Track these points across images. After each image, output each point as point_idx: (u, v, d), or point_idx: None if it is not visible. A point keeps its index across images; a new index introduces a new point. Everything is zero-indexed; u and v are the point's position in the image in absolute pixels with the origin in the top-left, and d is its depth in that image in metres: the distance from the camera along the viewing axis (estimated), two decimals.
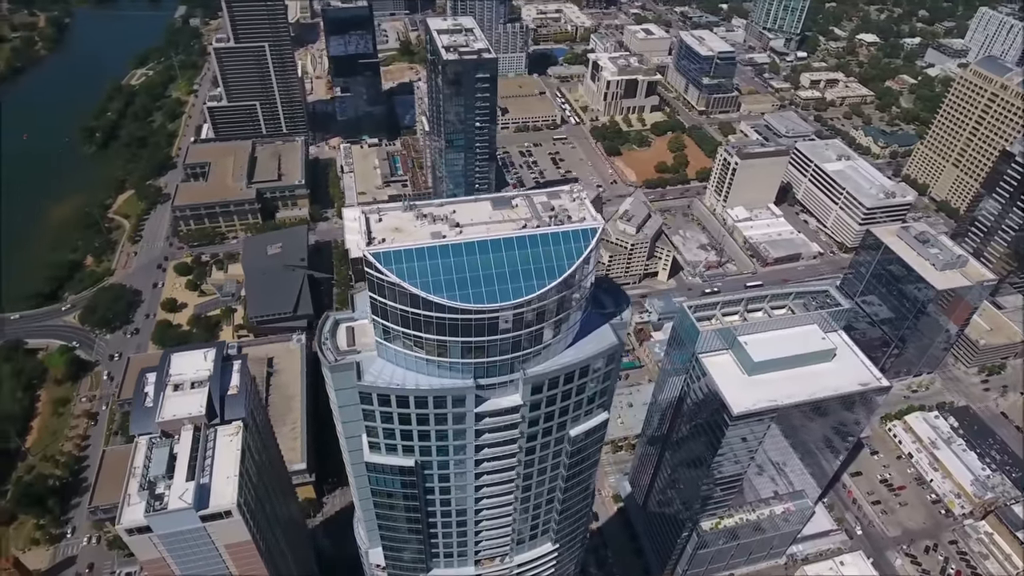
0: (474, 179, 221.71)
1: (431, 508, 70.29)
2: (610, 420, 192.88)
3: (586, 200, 59.24)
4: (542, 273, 53.87)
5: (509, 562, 79.68)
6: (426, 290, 52.10)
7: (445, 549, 76.23)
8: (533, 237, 54.48)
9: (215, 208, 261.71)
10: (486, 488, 69.71)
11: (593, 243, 55.53)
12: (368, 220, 56.42)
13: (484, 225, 55.90)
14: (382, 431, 61.44)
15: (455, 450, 63.63)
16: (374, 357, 59.14)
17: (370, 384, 57.42)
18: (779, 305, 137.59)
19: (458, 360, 57.04)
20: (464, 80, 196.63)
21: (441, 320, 53.69)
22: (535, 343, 58.08)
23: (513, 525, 75.10)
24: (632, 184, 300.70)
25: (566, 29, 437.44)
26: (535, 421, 63.45)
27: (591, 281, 59.28)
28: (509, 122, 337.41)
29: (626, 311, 65.06)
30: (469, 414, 60.41)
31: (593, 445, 71.38)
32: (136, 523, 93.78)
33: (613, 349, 62.60)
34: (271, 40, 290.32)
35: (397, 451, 63.33)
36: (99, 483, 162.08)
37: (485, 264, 53.26)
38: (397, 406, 58.85)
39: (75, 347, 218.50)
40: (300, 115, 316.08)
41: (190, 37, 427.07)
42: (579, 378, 62.12)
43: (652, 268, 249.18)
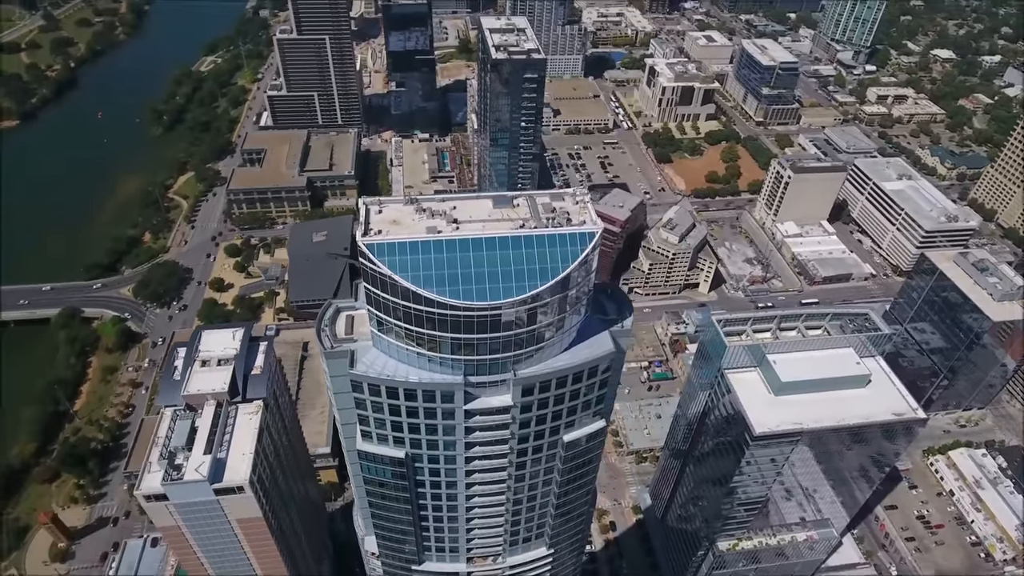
0: (517, 178, 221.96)
1: (422, 501, 70.71)
2: (637, 430, 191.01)
3: (588, 203, 58.48)
4: (535, 274, 53.47)
5: (502, 562, 79.46)
6: (417, 284, 52.46)
7: (437, 544, 76.60)
8: (529, 238, 54.14)
9: (267, 193, 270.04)
10: (478, 487, 69.64)
11: (590, 247, 54.77)
12: (368, 211, 57.16)
13: (482, 223, 55.89)
14: (373, 420, 62.20)
15: (445, 445, 63.80)
16: (369, 347, 59.91)
17: (361, 373, 58.19)
18: (815, 325, 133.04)
19: (448, 356, 57.21)
20: (512, 79, 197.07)
21: (431, 315, 53.94)
22: (527, 344, 57.65)
23: (505, 526, 74.82)
24: (680, 193, 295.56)
25: (626, 33, 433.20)
26: (526, 423, 63.01)
27: (590, 286, 58.50)
28: (560, 124, 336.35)
29: (628, 319, 63.97)
30: (458, 411, 60.49)
31: (589, 452, 70.40)
32: (154, 490, 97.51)
33: (610, 356, 61.59)
34: (332, 33, 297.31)
35: (388, 442, 63.98)
36: (135, 450, 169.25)
37: (478, 262, 53.23)
38: (387, 397, 59.46)
39: (127, 318, 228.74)
40: (355, 107, 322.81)
41: (259, 28, 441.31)
42: (573, 383, 61.34)
43: (693, 279, 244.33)
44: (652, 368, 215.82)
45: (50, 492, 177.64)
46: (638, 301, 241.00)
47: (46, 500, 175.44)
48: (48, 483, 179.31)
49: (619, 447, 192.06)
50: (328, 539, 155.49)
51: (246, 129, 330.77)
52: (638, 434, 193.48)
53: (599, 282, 64.10)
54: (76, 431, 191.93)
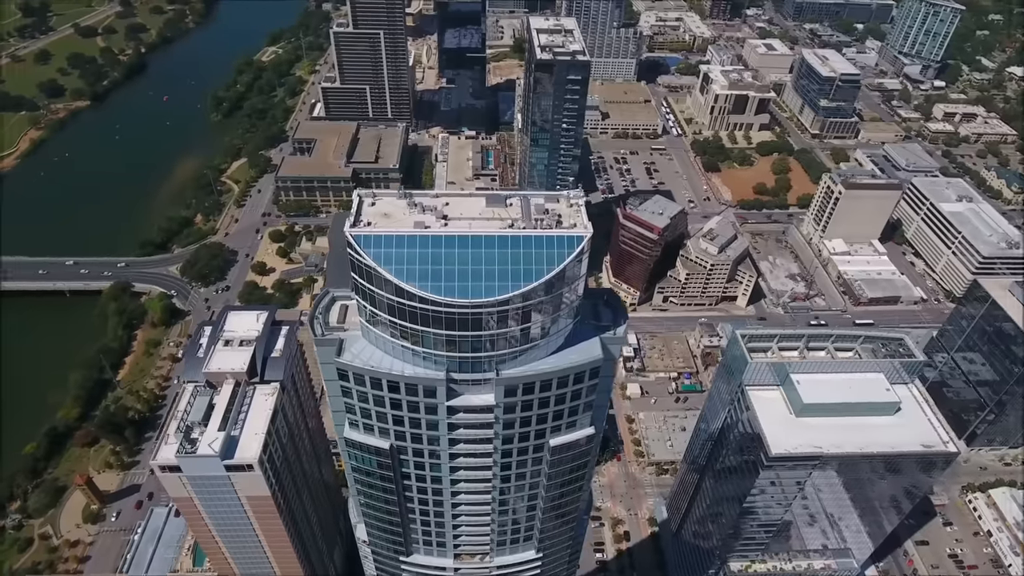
0: (556, 179, 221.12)
1: (408, 494, 71.27)
2: (659, 441, 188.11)
3: (582, 207, 57.84)
4: (519, 275, 53.16)
5: (489, 561, 79.43)
6: (400, 277, 52.89)
7: (424, 537, 77.15)
8: (515, 238, 53.87)
9: (314, 182, 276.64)
10: (463, 483, 69.78)
11: (578, 251, 54.11)
12: (362, 202, 57.99)
13: (472, 220, 55.97)
14: (359, 410, 63.05)
15: (429, 440, 64.11)
16: (358, 337, 60.71)
17: (347, 362, 59.05)
18: (845, 347, 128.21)
19: (431, 351, 57.46)
20: (555, 80, 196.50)
21: (413, 309, 54.28)
22: (511, 345, 57.37)
23: (492, 525, 74.69)
24: (726, 203, 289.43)
25: (684, 38, 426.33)
26: (510, 424, 62.72)
27: (579, 290, 57.79)
28: (608, 127, 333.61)
29: (621, 327, 62.87)
30: (441, 406, 60.67)
31: (577, 459, 69.47)
32: (168, 461, 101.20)
33: (597, 363, 60.68)
34: (387, 28, 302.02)
35: (374, 432, 64.74)
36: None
37: (462, 259, 53.29)
38: (372, 387, 60.16)
39: (172, 295, 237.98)
40: (405, 102, 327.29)
41: (320, 21, 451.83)
42: (558, 387, 60.71)
43: (731, 292, 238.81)
44: (681, 379, 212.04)
45: (88, 456, 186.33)
46: (672, 311, 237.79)
47: (84, 463, 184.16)
48: (87, 447, 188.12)
49: (640, 457, 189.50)
50: (343, 525, 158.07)
51: (300, 119, 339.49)
52: (660, 445, 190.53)
53: (598, 288, 63.10)
54: (117, 400, 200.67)
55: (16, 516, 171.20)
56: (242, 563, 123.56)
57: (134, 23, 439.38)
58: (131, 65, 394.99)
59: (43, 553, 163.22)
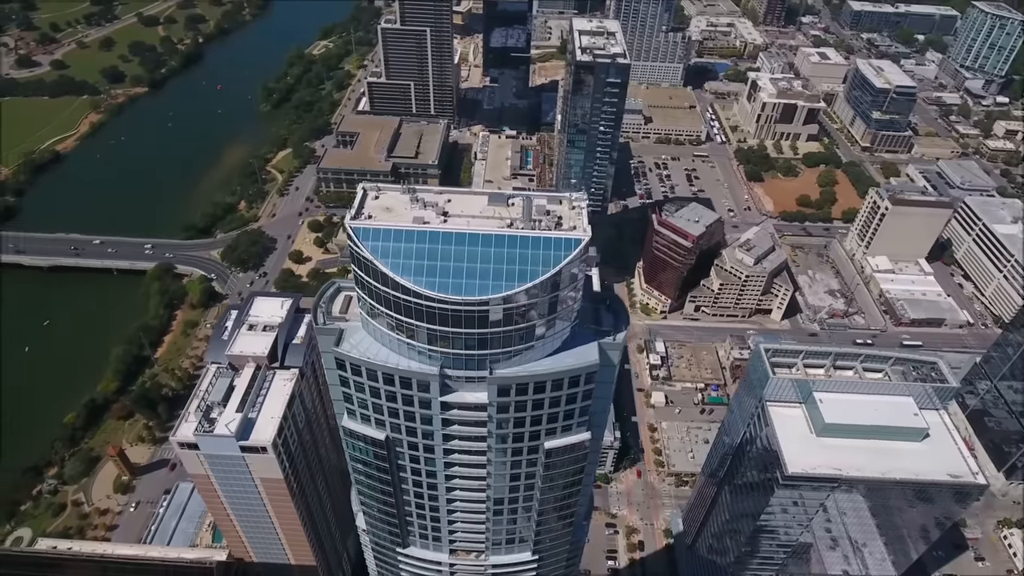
0: (592, 182, 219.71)
1: (404, 486, 71.84)
2: (681, 452, 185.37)
3: (584, 210, 57.31)
4: (513, 274, 53.03)
5: (485, 560, 79.47)
6: (395, 271, 53.38)
7: (420, 530, 77.64)
8: (512, 238, 53.74)
9: (354, 175, 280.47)
10: (458, 480, 69.98)
11: (574, 253, 53.63)
12: (365, 195, 58.74)
13: (471, 218, 56.09)
14: (356, 400, 63.90)
15: (423, 434, 64.51)
16: (358, 328, 61.48)
17: (344, 352, 59.90)
18: (875, 368, 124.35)
19: (425, 346, 57.81)
20: (594, 82, 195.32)
21: (407, 303, 54.70)
22: (504, 344, 57.27)
23: (488, 524, 74.71)
24: (767, 214, 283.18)
25: (734, 44, 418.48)
26: (504, 423, 62.63)
27: (576, 293, 57.32)
28: (651, 132, 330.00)
29: (621, 334, 62.07)
30: (435, 401, 60.96)
31: (574, 463, 68.85)
32: (187, 439, 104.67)
33: (593, 368, 60.04)
34: (433, 25, 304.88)
35: (370, 422, 65.49)
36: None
37: (458, 256, 53.46)
38: (368, 379, 60.88)
39: (212, 279, 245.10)
40: (449, 99, 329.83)
41: (372, 16, 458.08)
42: (553, 390, 60.31)
43: (765, 304, 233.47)
44: (708, 391, 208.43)
45: (123, 429, 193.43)
46: (703, 320, 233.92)
47: (118, 435, 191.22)
48: (122, 420, 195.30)
49: (660, 467, 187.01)
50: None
51: (345, 112, 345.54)
52: (681, 456, 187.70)
53: (602, 292, 62.62)
54: (153, 376, 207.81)
55: (52, 482, 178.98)
56: (255, 544, 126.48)
57: (194, 14, 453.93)
58: (188, 54, 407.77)
59: (74, 519, 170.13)
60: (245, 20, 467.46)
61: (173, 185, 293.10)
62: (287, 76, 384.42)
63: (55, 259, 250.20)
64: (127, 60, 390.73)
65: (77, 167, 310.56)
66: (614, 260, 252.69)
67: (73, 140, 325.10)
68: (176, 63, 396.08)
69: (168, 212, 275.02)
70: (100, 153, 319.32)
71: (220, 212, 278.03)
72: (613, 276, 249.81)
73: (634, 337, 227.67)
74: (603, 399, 66.29)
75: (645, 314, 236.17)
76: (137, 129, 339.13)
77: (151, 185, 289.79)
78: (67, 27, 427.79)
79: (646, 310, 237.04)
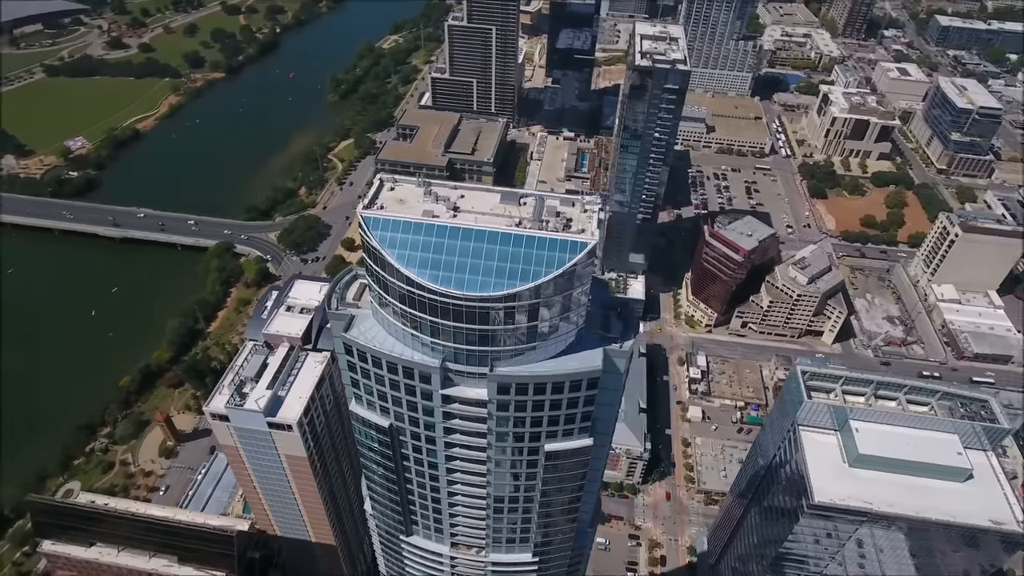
0: (643, 188, 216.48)
1: (407, 475, 72.78)
2: (713, 470, 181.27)
3: (595, 214, 56.68)
4: (516, 273, 52.97)
5: (485, 556, 79.67)
6: (401, 262, 54.13)
7: (423, 521, 78.43)
8: (518, 236, 53.61)
9: (410, 168, 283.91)
10: (459, 474, 70.35)
11: (579, 256, 53.11)
12: (382, 185, 59.81)
13: (480, 215, 56.31)
14: (363, 385, 65.12)
15: (426, 425, 65.18)
16: (368, 316, 62.62)
17: (352, 338, 61.17)
18: (920, 401, 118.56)
19: (428, 338, 58.34)
20: (651, 88, 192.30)
21: (412, 294, 55.32)
22: (505, 343, 57.20)
23: (488, 521, 74.83)
24: (827, 232, 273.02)
25: (809, 56, 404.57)
26: (503, 422, 62.51)
27: (581, 296, 56.73)
28: (713, 141, 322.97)
29: (629, 342, 61.11)
30: (436, 394, 61.44)
31: (575, 468, 68.14)
32: (218, 410, 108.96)
33: (595, 373, 59.27)
34: (499, 24, 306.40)
35: (376, 409, 66.61)
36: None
37: (463, 251, 53.73)
38: (373, 366, 61.91)
39: (268, 260, 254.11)
40: (510, 98, 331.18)
41: (442, 13, 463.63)
42: (553, 393, 59.88)
43: (817, 326, 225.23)
44: (748, 410, 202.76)
45: (172, 396, 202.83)
46: (750, 337, 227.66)
47: (167, 403, 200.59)
48: (172, 388, 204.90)
49: (690, 483, 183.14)
50: None
51: (408, 106, 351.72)
52: (713, 474, 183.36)
53: (617, 297, 62.02)
54: (204, 349, 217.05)
55: (104, 440, 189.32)
56: (279, 518, 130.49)
57: (274, 4, 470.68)
58: (266, 43, 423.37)
59: (121, 477, 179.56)
60: (321, 13, 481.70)
61: (240, 168, 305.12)
62: (356, 68, 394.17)
63: (126, 231, 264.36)
64: (208, 46, 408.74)
65: (154, 145, 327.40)
66: (662, 269, 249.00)
67: (153, 120, 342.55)
68: (253, 51, 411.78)
69: (233, 193, 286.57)
70: (176, 133, 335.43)
71: (281, 196, 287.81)
72: (660, 285, 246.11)
73: (676, 349, 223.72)
74: (608, 406, 65.48)
75: (689, 326, 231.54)
76: (212, 112, 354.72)
77: (220, 166, 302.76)
78: (156, 12, 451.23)
79: (691, 322, 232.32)
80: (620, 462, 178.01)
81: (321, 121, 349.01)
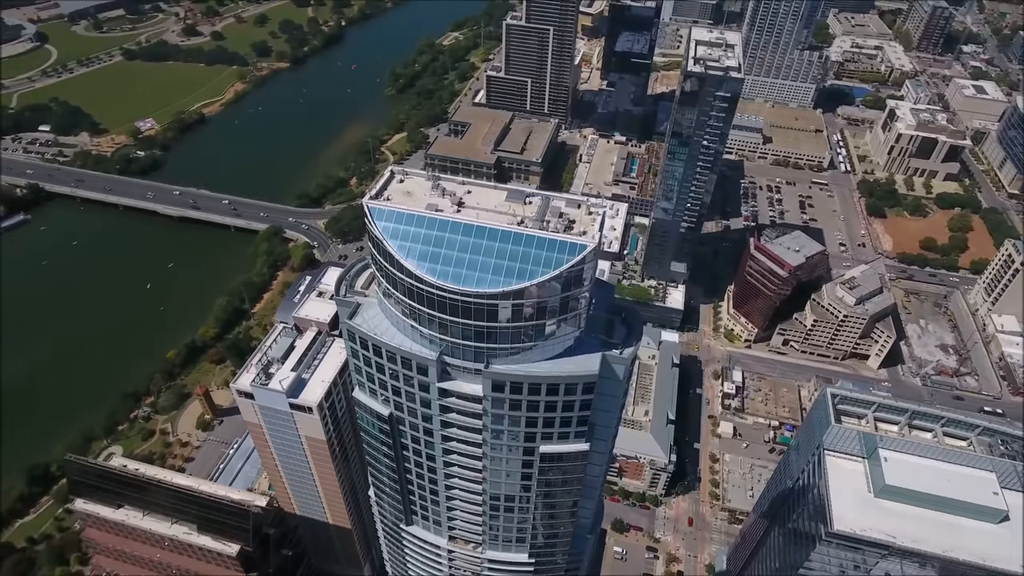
0: (688, 196, 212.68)
1: (407, 465, 73.61)
2: (739, 488, 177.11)
3: (599, 217, 55.99)
4: (513, 271, 52.81)
5: (481, 553, 79.83)
6: (401, 252, 54.71)
7: (422, 511, 79.16)
8: (517, 235, 53.38)
9: (459, 164, 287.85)
10: (456, 468, 70.66)
11: (577, 259, 52.54)
12: (392, 177, 60.61)
13: (484, 211, 56.38)
14: (365, 372, 66.22)
15: (424, 417, 65.70)
16: (374, 305, 63.60)
17: (355, 325, 62.24)
18: (958, 435, 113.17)
19: (427, 330, 58.93)
20: (701, 94, 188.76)
21: (410, 285, 55.81)
22: (502, 340, 57.15)
23: (484, 518, 74.97)
24: (882, 253, 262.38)
25: (879, 69, 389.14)
26: (499, 420, 62.45)
27: (580, 300, 56.13)
28: (768, 152, 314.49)
29: (629, 349, 60.13)
30: (433, 386, 61.86)
31: (570, 472, 67.48)
32: (244, 388, 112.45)
33: (591, 378, 58.59)
34: (557, 25, 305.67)
35: (377, 397, 67.64)
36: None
37: (462, 246, 53.91)
38: (373, 354, 62.90)
39: (314, 246, 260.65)
40: (564, 99, 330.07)
41: (504, 12, 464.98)
42: (548, 394, 59.49)
43: (863, 349, 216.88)
44: (782, 430, 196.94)
45: (213, 372, 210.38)
46: (790, 356, 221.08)
47: (208, 377, 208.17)
48: (214, 364, 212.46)
49: (715, 499, 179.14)
50: None
51: (462, 103, 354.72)
52: (739, 493, 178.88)
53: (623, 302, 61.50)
54: (247, 328, 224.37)
55: (147, 409, 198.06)
56: (298, 498, 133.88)
57: None
58: (331, 35, 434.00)
59: (159, 446, 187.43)
60: (386, 8, 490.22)
61: (295, 155, 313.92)
62: (415, 63, 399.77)
63: (185, 211, 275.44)
64: (276, 36, 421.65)
65: (217, 130, 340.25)
66: (705, 280, 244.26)
67: (218, 105, 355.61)
68: (318, 43, 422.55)
69: (286, 180, 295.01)
70: (238, 119, 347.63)
71: (332, 185, 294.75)
72: (701, 297, 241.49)
73: (712, 362, 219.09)
74: (607, 412, 64.70)
75: (728, 340, 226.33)
76: (273, 101, 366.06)
77: (276, 153, 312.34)
78: (230, 2, 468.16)
79: (730, 336, 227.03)
80: (644, 472, 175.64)
81: (377, 113, 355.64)
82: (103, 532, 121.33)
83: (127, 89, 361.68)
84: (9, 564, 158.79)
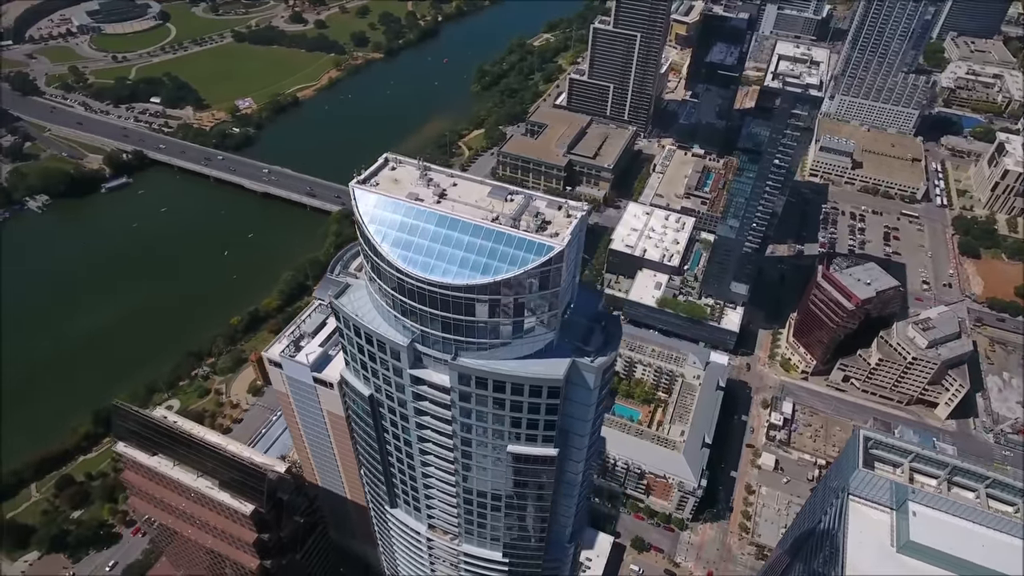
0: (755, 215, 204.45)
1: (388, 447, 75.05)
2: (771, 523, 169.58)
3: (576, 221, 54.96)
4: (479, 266, 52.84)
5: (458, 544, 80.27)
6: (377, 236, 55.97)
7: (403, 496, 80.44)
8: (488, 230, 53.25)
9: (530, 164, 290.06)
10: (432, 457, 71.32)
11: (542, 260, 51.90)
12: (385, 164, 61.97)
13: (463, 205, 56.65)
14: (349, 352, 68.13)
15: (399, 401, 66.75)
16: (362, 287, 65.41)
17: (339, 305, 64.21)
18: (1005, 499, 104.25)
19: (399, 315, 59.93)
20: (776, 110, 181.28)
21: (383, 269, 56.91)
22: (466, 334, 57.26)
23: (459, 511, 75.41)
24: (970, 295, 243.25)
25: (995, 99, 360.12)
26: (466, 413, 62.68)
27: (550, 303, 55.27)
28: (857, 178, 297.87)
29: (602, 358, 58.64)
30: (405, 372, 62.73)
31: (540, 476, 66.50)
32: (274, 357, 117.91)
33: (556, 383, 57.72)
34: (645, 31, 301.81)
35: (360, 377, 69.43)
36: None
37: (434, 236, 54.37)
38: (355, 334, 64.62)
39: None
40: (645, 107, 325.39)
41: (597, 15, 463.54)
42: (513, 394, 59.13)
43: (932, 396, 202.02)
44: (827, 470, 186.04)
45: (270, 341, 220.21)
46: (849, 393, 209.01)
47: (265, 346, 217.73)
48: (272, 334, 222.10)
49: (744, 532, 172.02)
50: None
51: (544, 105, 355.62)
52: (771, 528, 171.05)
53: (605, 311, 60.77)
54: (306, 304, 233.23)
55: (207, 369, 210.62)
56: (321, 471, 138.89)
57: None
58: (426, 30, 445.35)
59: (212, 404, 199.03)
60: (483, 5, 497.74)
61: (377, 142, 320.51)
62: (503, 62, 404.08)
63: (268, 187, 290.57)
64: (374, 28, 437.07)
65: (309, 113, 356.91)
66: (767, 305, 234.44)
67: (312, 90, 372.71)
68: (413, 36, 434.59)
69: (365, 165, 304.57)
70: (329, 105, 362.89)
71: None
72: (761, 321, 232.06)
73: (763, 390, 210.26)
74: (578, 420, 63.67)
75: (784, 369, 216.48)
76: (364, 89, 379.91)
77: (359, 140, 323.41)
78: None
79: (786, 365, 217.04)
80: (671, 493, 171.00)
81: (460, 108, 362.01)
82: (138, 476, 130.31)
83: (232, 69, 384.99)
84: (67, 495, 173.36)
